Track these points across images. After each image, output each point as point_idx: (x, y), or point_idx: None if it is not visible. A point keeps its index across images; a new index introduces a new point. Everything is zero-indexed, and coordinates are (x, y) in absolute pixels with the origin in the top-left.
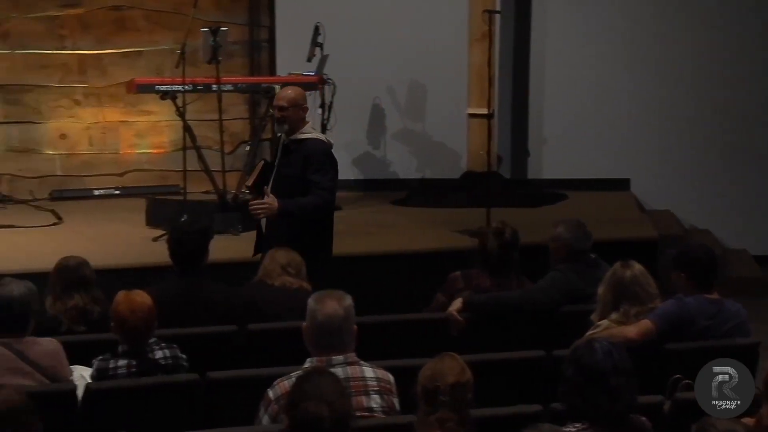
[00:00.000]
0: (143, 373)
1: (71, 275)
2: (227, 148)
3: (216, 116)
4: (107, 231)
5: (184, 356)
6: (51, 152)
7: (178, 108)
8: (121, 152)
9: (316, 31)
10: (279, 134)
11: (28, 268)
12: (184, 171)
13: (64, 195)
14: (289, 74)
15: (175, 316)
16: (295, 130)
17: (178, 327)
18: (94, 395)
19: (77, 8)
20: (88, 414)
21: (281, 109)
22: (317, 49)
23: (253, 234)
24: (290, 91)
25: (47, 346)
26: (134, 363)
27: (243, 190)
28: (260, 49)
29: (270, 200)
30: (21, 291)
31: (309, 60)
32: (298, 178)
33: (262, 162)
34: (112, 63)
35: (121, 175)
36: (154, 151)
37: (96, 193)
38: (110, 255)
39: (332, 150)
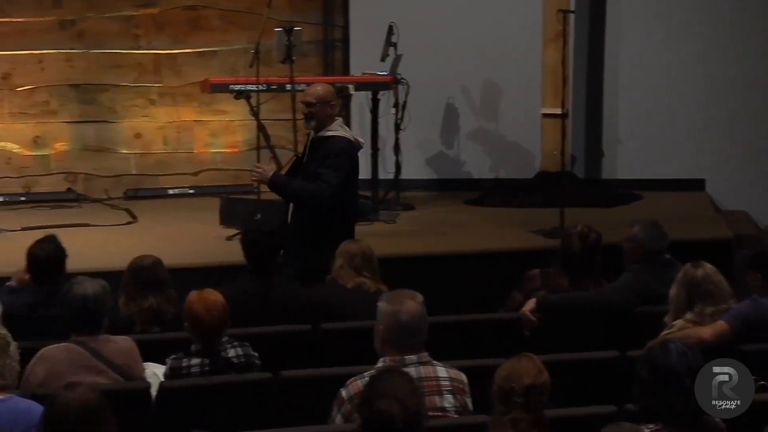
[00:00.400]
0: (216, 371)
1: (146, 275)
2: (300, 148)
3: (289, 116)
4: (181, 230)
5: (256, 354)
6: (126, 151)
7: (252, 107)
8: (195, 151)
9: (390, 30)
10: (308, 131)
11: (103, 267)
12: None
13: (139, 194)
14: (363, 74)
15: (248, 315)
16: (322, 127)
17: (250, 326)
18: (167, 393)
19: (152, 8)
20: (161, 412)
21: (308, 105)
22: (391, 48)
23: None
24: (319, 88)
25: (121, 344)
26: (207, 362)
27: None
28: (334, 49)
29: (268, 167)
30: (95, 289)
31: (383, 60)
32: (315, 175)
33: (295, 157)
34: (187, 62)
35: (195, 174)
36: (228, 150)
37: (170, 192)
38: (184, 254)
39: (358, 150)
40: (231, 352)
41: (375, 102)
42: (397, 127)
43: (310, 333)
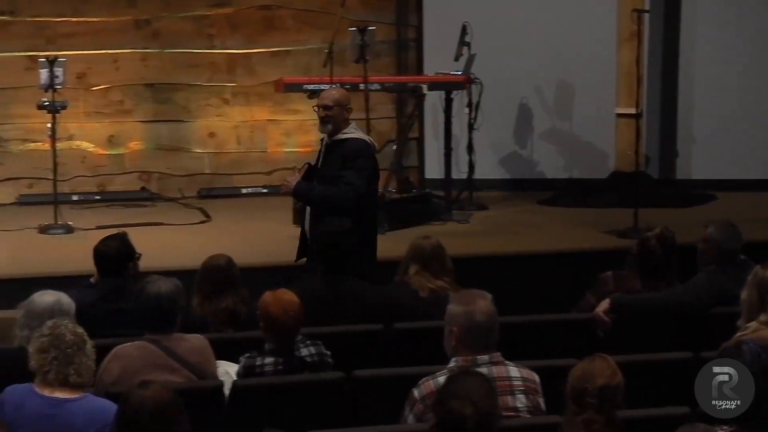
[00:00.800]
0: (289, 370)
1: (221, 275)
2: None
3: (363, 115)
4: (254, 229)
5: (329, 353)
6: (200, 150)
7: None
8: (268, 151)
9: (464, 30)
10: (323, 135)
11: (176, 266)
12: None
13: (212, 193)
14: (436, 73)
15: (319, 314)
16: (338, 131)
17: (321, 325)
18: (240, 392)
19: (226, 8)
20: (234, 411)
21: (326, 108)
22: (465, 48)
23: (398, 233)
24: (335, 92)
25: (194, 342)
26: (281, 360)
27: (390, 189)
28: (408, 49)
29: (293, 179)
30: (169, 288)
31: (456, 59)
32: (336, 178)
33: (307, 164)
34: (261, 62)
35: (268, 173)
36: (302, 149)
37: (244, 191)
38: (257, 253)
39: (375, 152)
40: (304, 351)
41: (448, 102)
42: (471, 127)
43: (382, 332)
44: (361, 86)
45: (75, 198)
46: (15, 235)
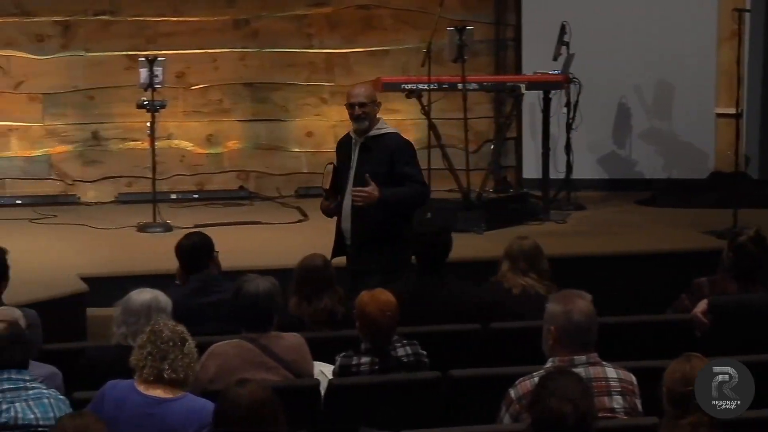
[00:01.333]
0: (385, 370)
1: (319, 276)
2: (472, 147)
3: (461, 115)
4: None
5: (425, 353)
6: (297, 150)
7: (423, 106)
8: None
9: (563, 29)
10: (356, 133)
11: (273, 265)
12: (429, 169)
13: (310, 192)
14: (535, 73)
15: (416, 313)
16: (372, 127)
17: (418, 324)
18: (336, 391)
19: (325, 7)
20: (329, 410)
21: (362, 105)
22: (563, 47)
23: (495, 233)
24: (365, 88)
25: (291, 340)
26: (377, 360)
27: (488, 189)
28: (506, 48)
29: (371, 188)
30: (267, 287)
31: (555, 59)
32: (385, 175)
33: (331, 165)
34: (359, 62)
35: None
36: None
37: None
38: None
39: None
40: (400, 351)
41: (546, 101)
42: (569, 127)
43: (479, 332)
44: (459, 86)
45: (173, 197)
46: (114, 234)
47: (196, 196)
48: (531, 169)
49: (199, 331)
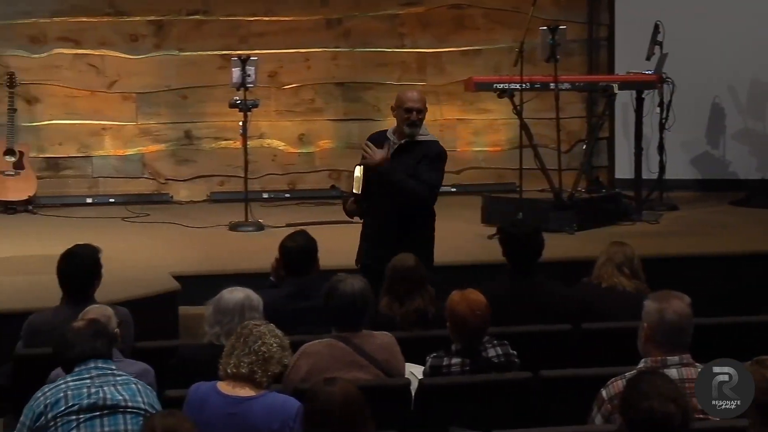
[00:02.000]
0: (476, 370)
1: (411, 276)
2: (564, 147)
3: (553, 114)
4: (442, 228)
5: (515, 353)
6: None
7: (515, 106)
8: (458, 150)
9: (656, 29)
10: (401, 136)
11: None
12: (520, 169)
13: None
14: (628, 72)
15: (507, 314)
16: (418, 132)
17: (509, 325)
18: (427, 391)
19: (418, 7)
20: (420, 409)
21: (419, 112)
22: (657, 47)
23: (587, 233)
24: (419, 95)
25: (383, 339)
26: (467, 361)
27: (580, 189)
28: (599, 48)
29: (384, 152)
30: (360, 286)
31: (648, 58)
32: (416, 176)
33: (361, 167)
34: (451, 61)
35: (457, 172)
36: (491, 149)
37: None
38: (445, 252)
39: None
40: (491, 352)
41: (639, 101)
42: (662, 127)
43: (570, 333)
44: (552, 85)
45: (265, 196)
46: (206, 232)
47: (287, 195)
48: (623, 169)
49: (292, 334)
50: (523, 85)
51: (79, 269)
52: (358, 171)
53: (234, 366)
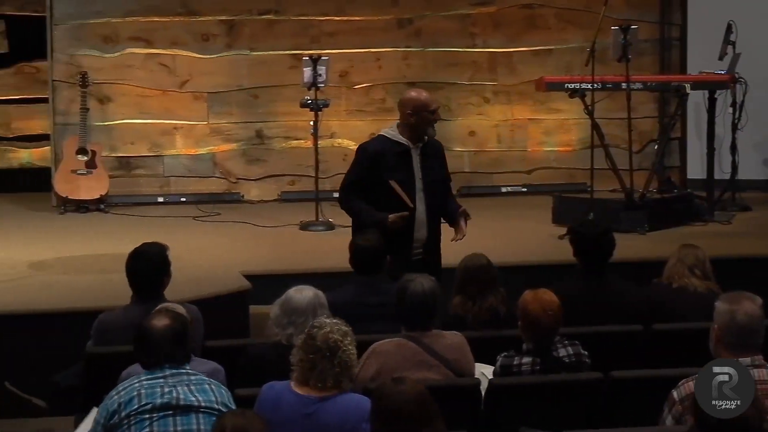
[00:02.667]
0: (546, 370)
1: (484, 275)
2: (635, 147)
3: (624, 115)
4: (513, 228)
5: (586, 354)
6: (460, 149)
7: (586, 106)
8: (528, 150)
9: (729, 28)
10: (416, 139)
11: None
12: (592, 169)
13: (472, 191)
14: (700, 72)
15: (578, 314)
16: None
17: (580, 325)
18: (497, 391)
19: (489, 6)
20: (490, 409)
21: (434, 112)
22: (729, 47)
23: (658, 234)
24: (430, 95)
25: (453, 339)
26: (538, 361)
27: (651, 189)
28: (671, 47)
29: (463, 227)
30: (430, 286)
31: (721, 58)
32: (443, 180)
33: (396, 182)
34: (522, 61)
35: (528, 172)
36: (562, 148)
37: (503, 190)
38: (516, 252)
39: None
40: (562, 352)
41: (712, 101)
42: (734, 127)
43: (641, 333)
44: (623, 85)
45: (336, 195)
46: (277, 232)
47: None
48: (695, 170)
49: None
50: (595, 85)
51: (148, 267)
52: (395, 185)
53: (318, 380)
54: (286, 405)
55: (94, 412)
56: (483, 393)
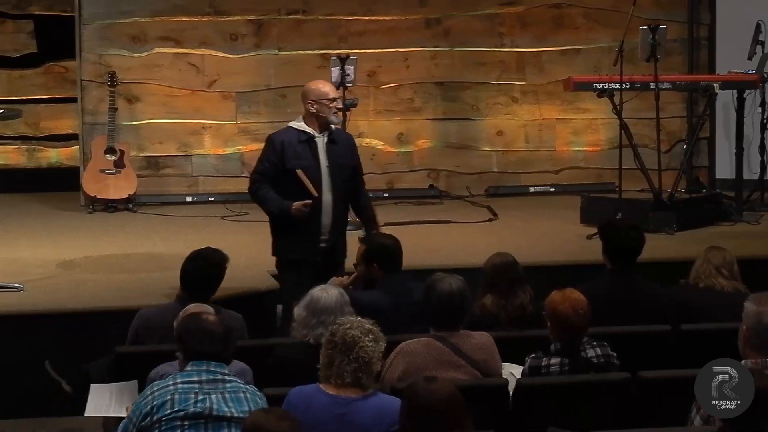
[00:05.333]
0: (575, 371)
1: (513, 273)
2: (663, 147)
3: (653, 114)
4: (541, 228)
5: (615, 355)
6: (487, 149)
7: (615, 106)
8: (556, 150)
9: (758, 28)
10: (322, 128)
11: (463, 263)
12: (620, 169)
13: (500, 191)
14: (729, 72)
15: (606, 314)
16: None
17: (607, 325)
18: (525, 391)
19: (516, 6)
20: (518, 410)
21: (335, 100)
22: (758, 46)
23: (687, 234)
24: (331, 84)
25: (480, 339)
26: (567, 361)
27: (680, 189)
28: (699, 47)
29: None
30: (459, 285)
31: (749, 58)
32: (352, 168)
33: (301, 170)
34: (550, 60)
35: (556, 172)
36: (590, 148)
37: (531, 189)
38: (543, 252)
39: None
40: (590, 352)
41: (740, 101)
42: (763, 127)
43: (669, 333)
44: (652, 85)
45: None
46: None
47: (386, 194)
48: (724, 170)
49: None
50: (623, 85)
51: (202, 270)
52: (301, 173)
53: (337, 377)
54: (318, 406)
55: (98, 390)
56: (510, 393)
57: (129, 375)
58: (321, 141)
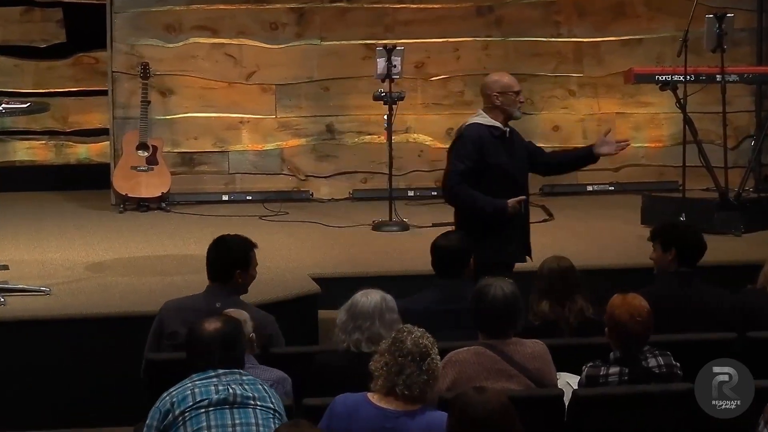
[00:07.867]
0: (635, 381)
1: (572, 278)
2: (730, 143)
3: (719, 108)
4: (600, 228)
5: (678, 365)
6: (543, 144)
7: (678, 99)
8: None
9: None
10: (507, 123)
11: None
12: (684, 166)
13: (555, 190)
14: None
15: (668, 320)
16: None
17: (669, 332)
18: (582, 402)
19: None
20: (574, 422)
21: (520, 93)
22: None
23: (754, 235)
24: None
25: (533, 348)
26: (626, 371)
27: (747, 188)
28: None
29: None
30: (511, 291)
31: None
32: (527, 162)
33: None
34: (610, 51)
35: (615, 170)
36: (651, 145)
37: (589, 188)
38: (602, 254)
39: None
40: (652, 362)
41: None
42: None
43: (735, 341)
44: (718, 77)
45: (410, 194)
46: (348, 232)
47: (434, 193)
48: None
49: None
50: (687, 77)
51: (220, 254)
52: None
53: (405, 387)
54: (364, 418)
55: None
56: (566, 404)
57: (160, 386)
58: (510, 135)
